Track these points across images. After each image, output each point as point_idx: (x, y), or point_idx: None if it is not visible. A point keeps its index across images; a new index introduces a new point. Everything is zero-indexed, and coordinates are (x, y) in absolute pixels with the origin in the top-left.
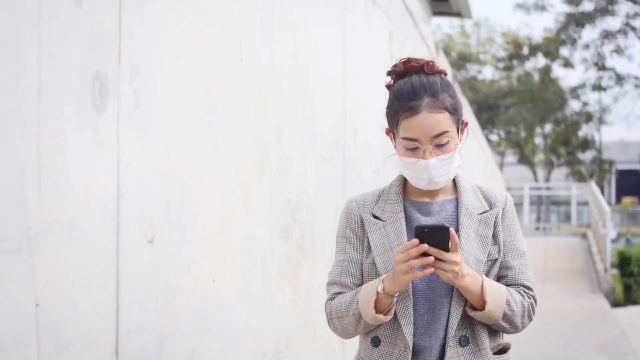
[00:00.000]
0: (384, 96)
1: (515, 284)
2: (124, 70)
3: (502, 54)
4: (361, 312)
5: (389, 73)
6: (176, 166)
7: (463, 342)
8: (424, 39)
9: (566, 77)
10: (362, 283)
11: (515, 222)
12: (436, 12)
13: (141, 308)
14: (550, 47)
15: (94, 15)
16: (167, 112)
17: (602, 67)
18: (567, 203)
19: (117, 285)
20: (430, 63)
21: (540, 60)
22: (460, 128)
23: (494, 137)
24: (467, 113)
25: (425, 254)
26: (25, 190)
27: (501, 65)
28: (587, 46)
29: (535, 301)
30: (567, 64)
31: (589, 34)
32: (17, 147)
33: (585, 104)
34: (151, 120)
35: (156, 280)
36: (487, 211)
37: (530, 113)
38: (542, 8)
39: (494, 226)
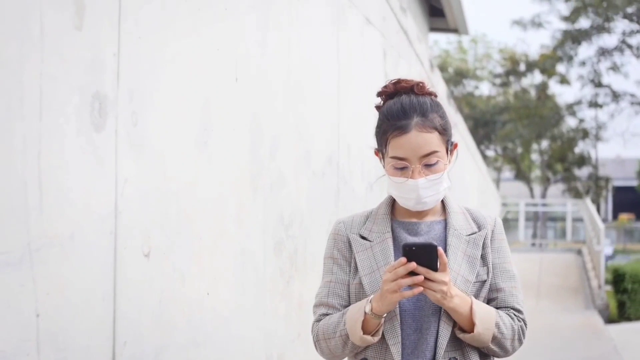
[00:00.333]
0: (377, 114)
1: (505, 307)
2: (122, 90)
3: (499, 70)
4: (348, 333)
5: (379, 94)
6: (172, 183)
7: None
8: (418, 57)
9: (563, 94)
10: (349, 304)
11: (505, 245)
12: (433, 28)
13: (137, 320)
14: (546, 64)
15: (93, 38)
16: (164, 131)
17: (598, 84)
18: (563, 219)
19: (114, 297)
20: (421, 84)
21: (537, 77)
22: (449, 149)
23: (490, 153)
24: (463, 129)
25: (413, 273)
26: (27, 205)
27: (498, 81)
28: (583, 63)
29: (525, 324)
30: (564, 80)
31: (586, 51)
32: (20, 164)
33: (581, 120)
34: (148, 139)
35: (152, 293)
36: (475, 232)
37: (526, 129)
38: (539, 25)
39: (483, 247)
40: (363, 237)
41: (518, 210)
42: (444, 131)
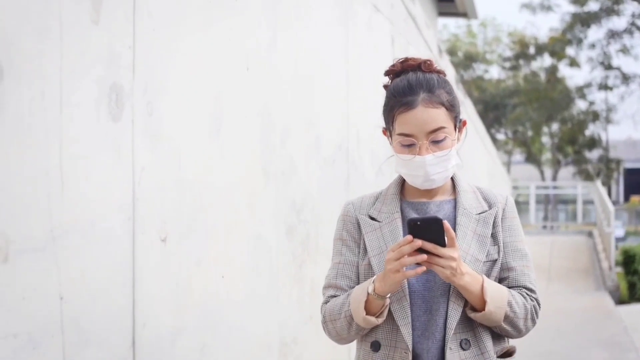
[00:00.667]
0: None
1: (517, 286)
2: (138, 81)
3: (509, 53)
4: (352, 314)
5: (387, 73)
6: (187, 171)
7: (464, 345)
8: (427, 43)
9: (572, 77)
10: (357, 284)
11: (517, 223)
12: (442, 13)
13: (155, 303)
14: (556, 47)
15: (110, 32)
16: (178, 121)
17: (608, 67)
18: (574, 202)
19: (133, 281)
20: (428, 62)
21: (546, 60)
22: (458, 126)
23: (501, 137)
24: (472, 112)
25: (420, 251)
26: (50, 193)
27: (507, 64)
28: (593, 46)
29: (538, 304)
30: (574, 63)
31: (595, 33)
32: (43, 155)
33: (591, 103)
34: (163, 128)
35: (169, 277)
36: (485, 211)
37: (536, 112)
38: (548, 8)
39: (493, 226)
40: (372, 218)
41: (529, 193)
42: (452, 107)
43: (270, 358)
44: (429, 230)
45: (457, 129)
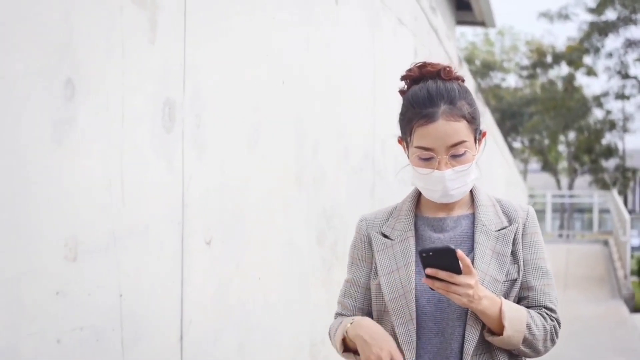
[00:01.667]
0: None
1: (537, 306)
2: (187, 96)
3: (526, 62)
4: (336, 346)
5: (403, 78)
6: (228, 179)
7: None
8: (447, 53)
9: (590, 86)
10: (363, 306)
11: (538, 239)
12: (460, 21)
13: (201, 301)
14: (573, 56)
15: (164, 51)
16: (221, 132)
17: (625, 76)
18: (590, 210)
19: (182, 280)
20: (448, 68)
21: (563, 69)
22: (478, 138)
23: (517, 145)
24: (489, 121)
25: (435, 279)
26: (111, 200)
27: (525, 73)
28: (610, 55)
29: (559, 324)
30: (591, 72)
31: (612, 42)
32: (106, 164)
33: (608, 112)
34: (208, 139)
35: (212, 278)
36: (505, 227)
37: (553, 121)
38: (566, 17)
39: (514, 243)
40: (385, 235)
41: (545, 202)
42: (473, 119)
43: (301, 357)
44: (442, 259)
45: (477, 142)
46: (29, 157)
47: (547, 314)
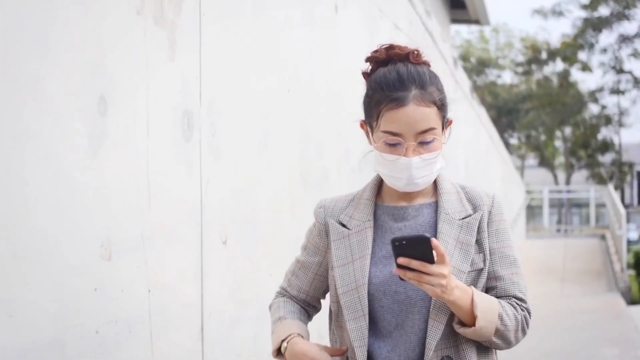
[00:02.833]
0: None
1: (506, 296)
2: (204, 107)
3: (521, 58)
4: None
5: (368, 59)
6: (242, 182)
7: None
8: (442, 55)
9: (585, 81)
10: (309, 290)
11: (504, 227)
12: (455, 20)
13: (219, 296)
14: (568, 52)
15: (182, 66)
16: (234, 139)
17: (619, 71)
18: (588, 205)
19: (202, 277)
20: (416, 52)
21: (558, 65)
22: (445, 126)
23: (514, 141)
24: (486, 119)
25: (406, 269)
26: (140, 203)
27: (520, 69)
28: (604, 50)
29: (529, 314)
30: (585, 68)
31: (606, 38)
32: (134, 171)
33: (603, 107)
34: (223, 146)
35: (229, 274)
36: (470, 215)
37: (549, 117)
38: (560, 13)
39: (478, 232)
40: (342, 224)
41: (542, 197)
42: (442, 106)
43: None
44: (415, 248)
45: (444, 130)
46: (69, 167)
47: (517, 304)
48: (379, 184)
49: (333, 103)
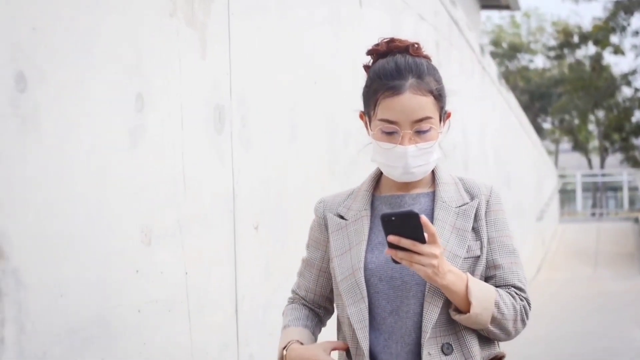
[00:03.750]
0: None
1: (505, 285)
2: (234, 101)
3: (553, 42)
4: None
5: (369, 52)
6: (271, 171)
7: (446, 349)
8: (469, 43)
9: (617, 64)
10: (316, 288)
11: (502, 217)
12: (485, 6)
13: (251, 279)
14: (600, 35)
15: (213, 63)
16: (264, 130)
17: None
18: (622, 189)
19: (235, 261)
20: (416, 45)
21: (590, 48)
22: (443, 117)
23: (547, 126)
24: (515, 106)
25: (397, 248)
26: (176, 193)
27: (552, 54)
28: (636, 33)
29: (529, 304)
30: (618, 50)
31: (638, 20)
32: (171, 163)
33: (637, 89)
34: (253, 137)
35: (260, 258)
36: (466, 203)
37: (582, 100)
38: None
39: (476, 219)
40: (340, 216)
41: (575, 182)
42: (439, 97)
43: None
44: (405, 226)
45: (442, 121)
46: (111, 160)
47: (516, 293)
48: (378, 177)
49: (358, 94)
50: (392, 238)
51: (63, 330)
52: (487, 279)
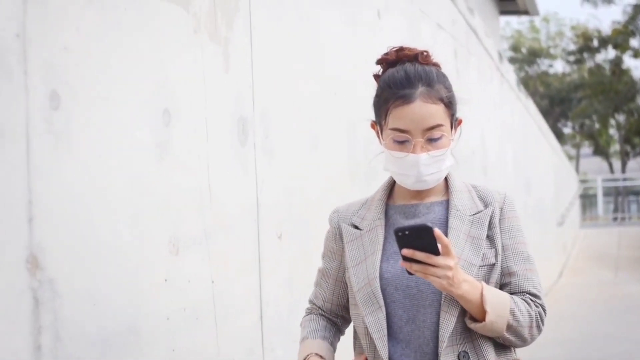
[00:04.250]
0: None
1: (520, 292)
2: (257, 113)
3: (572, 47)
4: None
5: (379, 61)
6: (294, 181)
7: (463, 357)
8: (487, 50)
9: (637, 68)
10: (333, 297)
11: (517, 224)
12: (503, 12)
13: (275, 286)
14: (619, 39)
15: (236, 76)
16: (286, 140)
17: None
18: None
19: (260, 269)
20: (425, 53)
21: (610, 52)
22: (454, 124)
23: (568, 130)
24: (534, 111)
25: (412, 260)
26: (202, 203)
27: (572, 58)
28: None
29: (544, 310)
30: (638, 54)
31: None
32: (196, 175)
33: None
34: (276, 148)
35: (284, 266)
36: (480, 211)
37: (602, 105)
38: (610, 1)
39: (490, 227)
40: (355, 226)
41: (596, 186)
42: (450, 104)
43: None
44: (419, 239)
45: (453, 128)
46: (139, 173)
47: (531, 300)
48: (391, 186)
49: None
50: (406, 251)
51: (96, 337)
52: (502, 286)
